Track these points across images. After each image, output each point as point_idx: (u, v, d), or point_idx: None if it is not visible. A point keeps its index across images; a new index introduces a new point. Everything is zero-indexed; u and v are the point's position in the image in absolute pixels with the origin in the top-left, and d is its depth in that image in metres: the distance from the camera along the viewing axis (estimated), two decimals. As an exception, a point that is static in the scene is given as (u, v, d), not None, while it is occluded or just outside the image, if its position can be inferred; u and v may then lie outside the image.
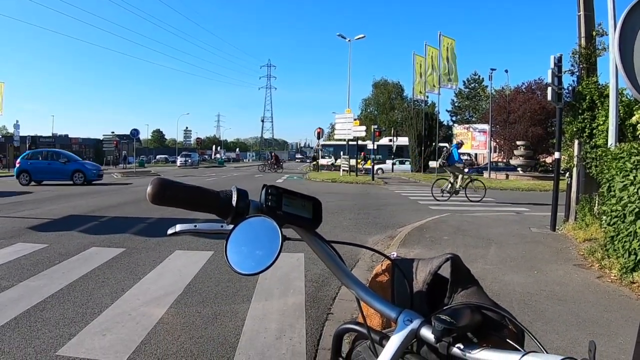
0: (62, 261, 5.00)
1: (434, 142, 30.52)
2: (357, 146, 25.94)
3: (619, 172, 4.53)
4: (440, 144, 30.94)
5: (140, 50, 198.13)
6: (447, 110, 56.49)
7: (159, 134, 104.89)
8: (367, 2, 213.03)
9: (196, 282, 4.28)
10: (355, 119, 25.80)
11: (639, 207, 4.06)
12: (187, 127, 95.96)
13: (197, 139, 66.00)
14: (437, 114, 33.01)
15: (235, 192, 0.73)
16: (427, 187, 19.26)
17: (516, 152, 27.62)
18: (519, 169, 26.76)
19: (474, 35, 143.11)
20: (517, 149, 27.65)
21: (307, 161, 37.31)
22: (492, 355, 0.62)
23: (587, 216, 6.59)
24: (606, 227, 4.81)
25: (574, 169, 7.10)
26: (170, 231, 0.85)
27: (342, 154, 27.89)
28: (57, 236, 6.46)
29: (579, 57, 7.38)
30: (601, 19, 7.30)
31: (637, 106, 5.90)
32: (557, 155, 7.16)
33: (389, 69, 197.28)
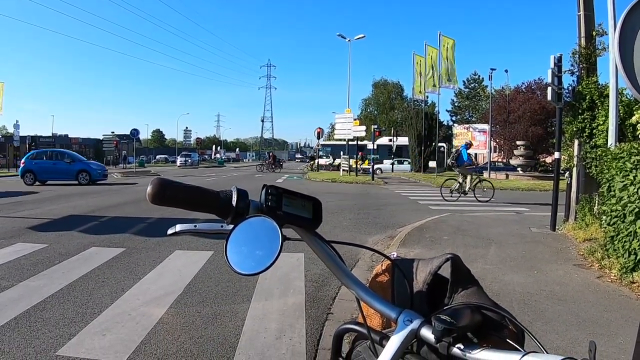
0: (62, 261, 5.01)
1: (434, 142, 30.54)
2: (357, 146, 25.97)
3: (619, 172, 4.53)
4: (439, 144, 30.96)
5: (140, 50, 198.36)
6: (447, 110, 56.62)
7: (159, 134, 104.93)
8: (367, 2, 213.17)
9: (196, 282, 4.28)
10: (355, 119, 25.82)
11: (639, 207, 4.06)
12: (187, 127, 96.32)
13: (197, 139, 66.06)
14: (437, 114, 33.04)
15: (235, 192, 0.73)
16: (427, 187, 19.37)
17: (516, 152, 27.62)
18: (519, 169, 26.76)
19: (474, 35, 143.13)
20: (517, 148, 27.66)
21: (307, 161, 37.32)
22: (492, 355, 0.62)
23: (587, 216, 6.59)
24: (606, 227, 4.81)
25: (574, 169, 7.11)
26: (170, 231, 0.85)
27: (342, 153, 27.89)
28: (57, 236, 6.46)
29: (579, 57, 7.38)
30: (601, 19, 7.31)
31: (637, 106, 5.90)
32: (557, 155, 7.16)
33: (389, 69, 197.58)
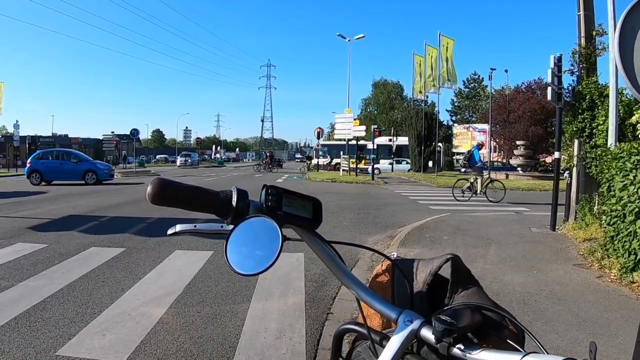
0: (62, 261, 5.00)
1: (434, 142, 30.53)
2: (357, 146, 25.97)
3: (618, 172, 4.53)
4: (439, 144, 30.94)
5: (140, 50, 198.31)
6: (447, 110, 56.51)
7: (158, 134, 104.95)
8: (367, 2, 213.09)
9: (196, 282, 4.28)
10: (355, 119, 25.83)
11: (638, 206, 4.06)
12: (187, 127, 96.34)
13: (197, 138, 66.03)
14: (437, 114, 33.04)
15: (235, 192, 0.73)
16: (427, 186, 19.37)
17: (516, 152, 27.62)
18: (519, 169, 26.76)
19: (474, 35, 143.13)
20: (517, 148, 27.65)
21: (304, 161, 37.45)
22: (492, 355, 0.62)
23: (587, 216, 6.59)
24: (606, 227, 4.81)
25: (574, 169, 7.11)
26: (170, 231, 0.85)
27: (341, 153, 27.90)
28: (57, 236, 6.46)
29: (579, 57, 7.38)
30: (601, 19, 7.32)
31: (637, 106, 5.90)
32: (557, 155, 7.16)
33: (389, 69, 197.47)
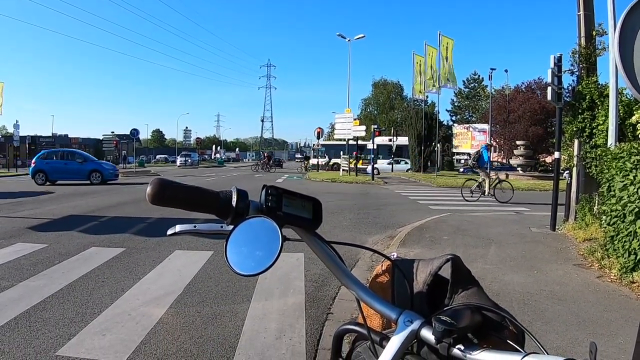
0: (62, 261, 5.00)
1: (434, 142, 30.54)
2: (356, 146, 25.96)
3: (618, 172, 4.53)
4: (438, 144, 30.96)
5: (140, 50, 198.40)
6: (447, 110, 56.50)
7: (158, 134, 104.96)
8: (367, 2, 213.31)
9: (196, 282, 4.28)
10: (355, 119, 25.82)
11: (638, 206, 4.06)
12: (186, 127, 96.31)
13: (197, 138, 66.01)
14: (436, 114, 33.03)
15: (235, 192, 0.73)
16: (427, 186, 19.37)
17: (516, 152, 27.62)
18: (519, 169, 26.75)
19: (474, 35, 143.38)
20: (517, 148, 27.66)
21: (302, 161, 37.62)
22: (492, 356, 0.62)
23: (587, 216, 6.59)
24: (606, 227, 4.81)
25: (574, 169, 7.11)
26: (170, 232, 0.85)
27: (341, 153, 27.91)
28: (57, 236, 6.45)
29: (579, 57, 7.38)
30: (601, 19, 7.32)
31: (637, 106, 5.90)
32: (557, 155, 7.16)
33: (389, 68, 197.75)
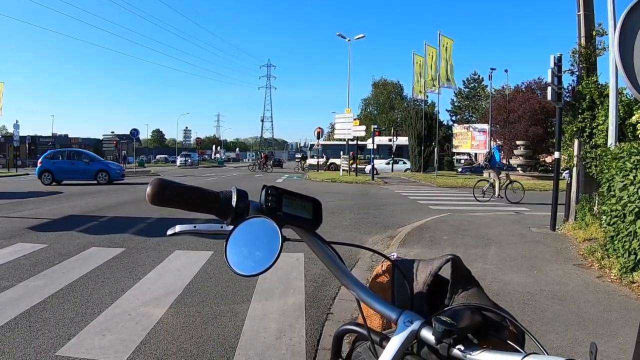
0: (62, 261, 5.00)
1: (434, 142, 30.54)
2: (356, 145, 25.97)
3: (618, 172, 4.53)
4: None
5: (140, 50, 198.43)
6: (447, 110, 56.52)
7: (158, 134, 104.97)
8: (367, 2, 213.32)
9: (196, 282, 4.28)
10: (355, 119, 25.82)
11: (638, 206, 4.06)
12: (186, 127, 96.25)
13: (197, 138, 66.04)
14: (436, 114, 33.02)
15: (235, 192, 0.73)
16: (427, 186, 19.35)
17: (516, 152, 27.60)
18: (519, 169, 26.74)
19: (474, 35, 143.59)
20: (517, 148, 27.63)
21: (299, 161, 37.84)
22: (492, 356, 0.62)
23: (587, 216, 6.58)
24: (606, 227, 4.81)
25: (574, 169, 7.11)
26: (169, 232, 0.84)
27: (341, 153, 27.92)
28: (57, 236, 6.45)
29: (579, 57, 7.38)
30: (601, 19, 7.31)
31: (637, 106, 5.90)
32: (557, 155, 7.16)
33: (389, 68, 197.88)
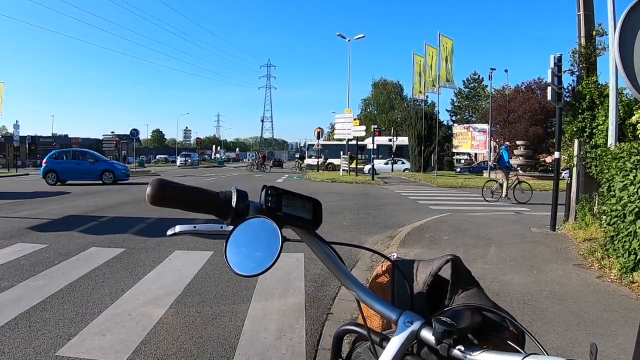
0: (62, 261, 5.00)
1: (434, 142, 30.54)
2: (356, 145, 25.98)
3: (618, 172, 4.53)
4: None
5: (140, 50, 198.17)
6: (447, 110, 56.50)
7: (158, 134, 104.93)
8: (367, 2, 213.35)
9: (196, 282, 4.28)
10: (355, 119, 25.84)
11: (638, 206, 4.06)
12: (186, 127, 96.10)
13: (197, 138, 66.06)
14: (436, 114, 33.01)
15: (234, 193, 0.73)
16: (427, 186, 19.36)
17: (516, 152, 27.56)
18: (519, 169, 26.70)
19: (474, 35, 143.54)
20: (517, 148, 27.62)
21: (296, 161, 38.05)
22: (492, 357, 0.62)
23: (587, 216, 6.58)
24: (606, 227, 4.81)
25: (574, 169, 7.11)
26: (169, 232, 0.84)
27: (341, 153, 27.93)
28: (57, 236, 6.45)
29: (579, 57, 7.38)
30: (601, 19, 7.31)
31: (637, 106, 5.90)
32: (557, 155, 7.16)
33: (389, 68, 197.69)
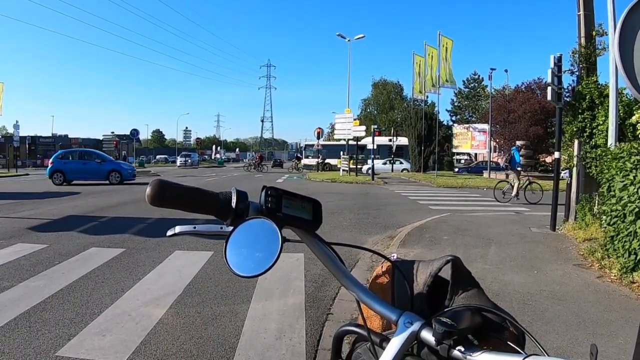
0: (62, 261, 5.00)
1: (434, 142, 30.54)
2: (356, 146, 25.98)
3: (618, 172, 4.53)
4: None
5: (140, 50, 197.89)
6: (447, 110, 56.43)
7: (158, 134, 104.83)
8: (367, 2, 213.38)
9: (196, 282, 4.28)
10: (355, 119, 25.84)
11: (639, 206, 4.06)
12: (186, 127, 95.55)
13: (197, 139, 66.01)
14: (436, 114, 33.01)
15: (234, 193, 0.72)
16: (427, 186, 19.35)
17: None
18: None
19: (474, 35, 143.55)
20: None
21: (293, 161, 38.24)
22: (492, 358, 0.61)
23: (587, 216, 6.58)
24: (606, 227, 4.81)
25: (574, 169, 7.11)
26: (169, 233, 0.84)
27: (342, 153, 27.94)
28: (57, 236, 6.45)
29: (579, 57, 7.38)
30: (601, 19, 7.31)
31: (637, 106, 5.90)
32: (557, 155, 7.16)
33: (389, 69, 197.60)
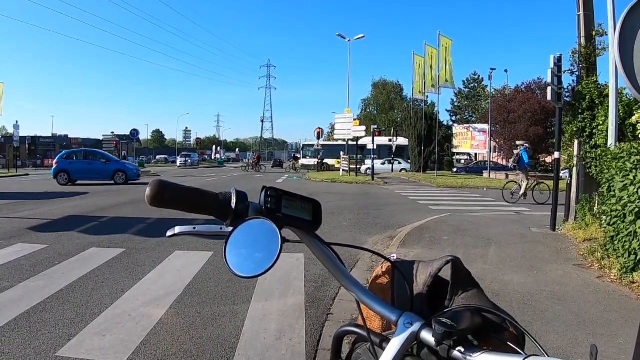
0: (62, 262, 5.00)
1: (434, 142, 30.55)
2: (356, 146, 26.00)
3: (618, 172, 4.53)
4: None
5: (139, 50, 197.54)
6: (447, 110, 56.40)
7: (158, 134, 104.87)
8: (367, 2, 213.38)
9: (196, 282, 4.28)
10: (355, 119, 25.86)
11: (639, 207, 4.06)
12: (186, 127, 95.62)
13: (197, 139, 66.05)
14: (436, 114, 33.01)
15: (234, 194, 0.72)
16: (427, 186, 19.36)
17: (516, 152, 27.58)
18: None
19: (474, 35, 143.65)
20: (517, 148, 27.62)
21: (291, 161, 38.32)
22: (492, 358, 0.61)
23: (587, 216, 6.59)
24: (606, 227, 4.81)
25: (574, 169, 7.11)
26: (169, 233, 0.84)
27: (342, 153, 27.96)
28: (57, 237, 6.45)
29: (579, 57, 7.38)
30: (601, 19, 7.31)
31: (637, 106, 5.90)
32: (557, 155, 7.16)
33: (389, 69, 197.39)
